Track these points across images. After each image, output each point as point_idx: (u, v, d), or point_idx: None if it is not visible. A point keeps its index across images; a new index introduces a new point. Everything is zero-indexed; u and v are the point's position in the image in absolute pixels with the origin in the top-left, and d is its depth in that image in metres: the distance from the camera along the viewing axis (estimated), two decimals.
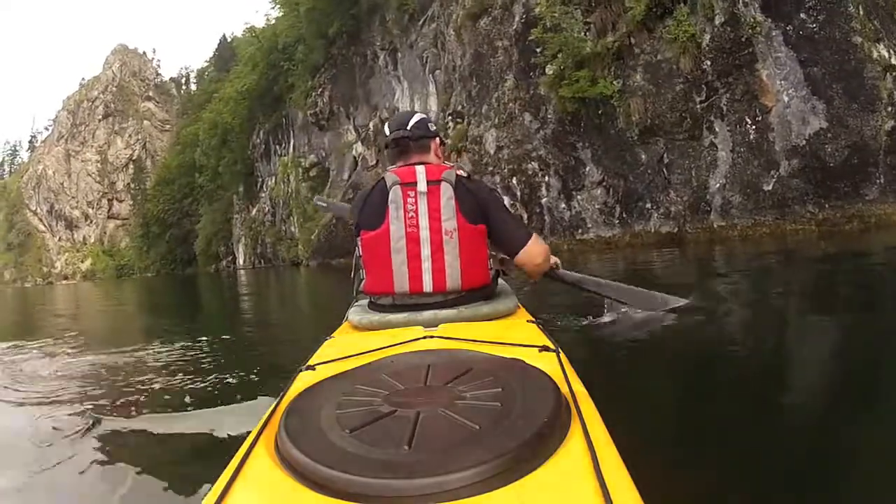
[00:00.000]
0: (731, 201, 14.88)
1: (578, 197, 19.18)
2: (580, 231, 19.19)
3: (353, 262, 2.59)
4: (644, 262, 12.21)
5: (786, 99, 13.76)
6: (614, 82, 17.14)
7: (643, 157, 16.96)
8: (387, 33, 35.30)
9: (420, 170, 2.33)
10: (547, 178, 20.12)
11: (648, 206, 17.08)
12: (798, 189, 13.60)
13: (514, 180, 21.07)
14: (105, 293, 30.45)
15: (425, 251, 2.28)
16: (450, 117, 25.94)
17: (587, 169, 18.75)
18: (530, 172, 20.63)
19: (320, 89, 43.70)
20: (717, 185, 15.23)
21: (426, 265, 2.28)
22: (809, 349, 3.65)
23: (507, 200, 19.69)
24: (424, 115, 2.63)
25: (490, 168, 21.98)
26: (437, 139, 2.60)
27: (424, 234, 2.27)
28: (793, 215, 13.66)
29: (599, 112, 17.76)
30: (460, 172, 2.38)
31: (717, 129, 15.16)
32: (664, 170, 16.50)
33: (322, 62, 42.49)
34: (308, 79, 44.43)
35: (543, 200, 20.34)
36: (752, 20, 14.09)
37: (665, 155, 16.40)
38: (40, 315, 16.03)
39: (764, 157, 14.09)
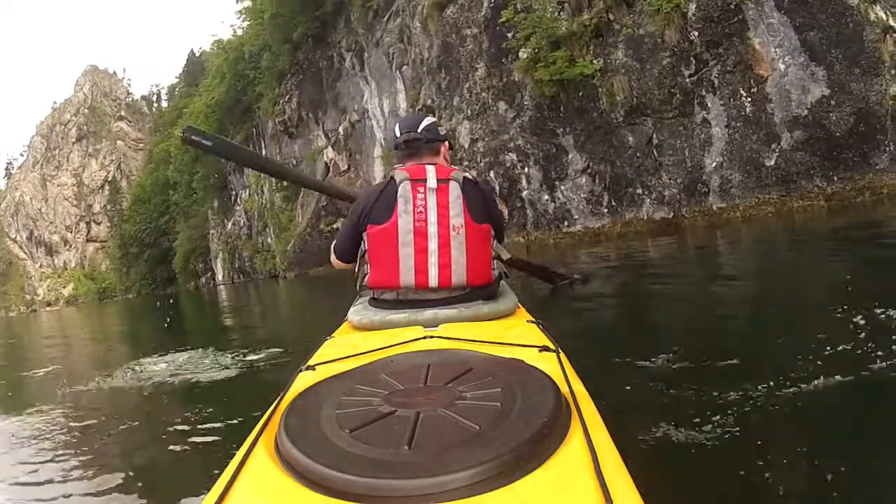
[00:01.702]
0: (730, 180, 14.09)
1: (562, 187, 18.21)
2: (566, 223, 18.25)
3: (357, 258, 2.59)
4: (638, 253, 11.55)
5: (782, 67, 13.07)
6: (594, 61, 16.14)
7: (630, 139, 16.01)
8: (352, 33, 34.77)
9: (430, 168, 2.38)
10: (527, 169, 19.16)
11: (639, 191, 16.12)
12: (803, 162, 12.81)
13: (492, 174, 20.11)
14: (87, 319, 30.44)
15: (432, 245, 2.31)
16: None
17: (570, 156, 17.79)
18: (508, 164, 19.72)
19: (288, 96, 43.36)
20: (714, 163, 14.33)
21: (432, 259, 2.31)
22: (820, 347, 3.42)
23: None
24: (434, 119, 2.69)
25: (465, 163, 20.95)
26: (447, 143, 2.69)
27: (432, 228, 2.31)
28: (799, 191, 12.93)
29: (580, 94, 16.73)
30: (467, 174, 2.44)
31: (709, 104, 14.30)
32: (654, 151, 15.64)
33: (288, 68, 42.04)
34: (275, 86, 44.14)
35: (524, 193, 19.40)
36: None
37: (654, 135, 15.54)
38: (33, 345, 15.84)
39: (763, 131, 13.39)
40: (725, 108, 13.94)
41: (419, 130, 2.55)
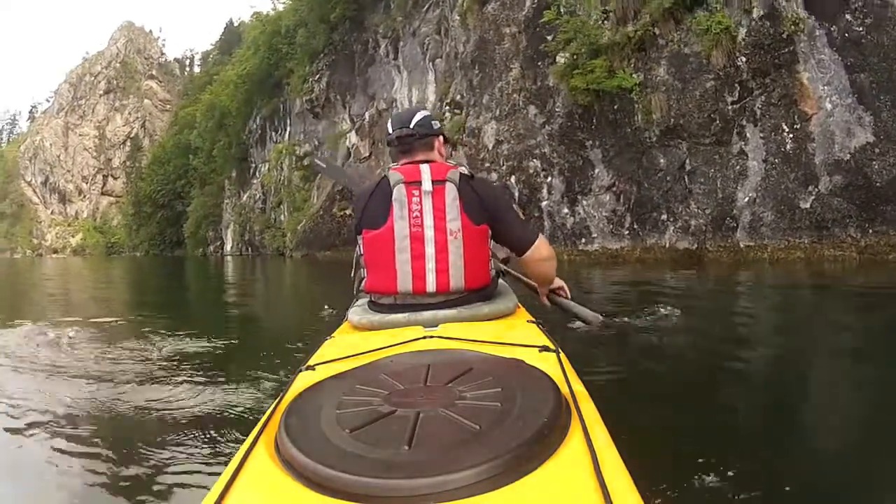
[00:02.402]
0: (761, 218, 13.21)
1: (584, 202, 17.31)
2: (583, 241, 17.38)
3: (354, 261, 2.59)
4: (656, 282, 10.86)
5: (829, 107, 12.17)
6: (634, 75, 15.34)
7: (662, 161, 15.02)
8: (390, 20, 34.50)
9: (425, 168, 2.34)
10: (550, 178, 18.30)
11: (664, 217, 15.23)
12: (839, 209, 11.96)
13: (513, 179, 19.29)
14: (93, 273, 30.35)
15: (429, 251, 2.28)
16: (447, 107, 24.37)
17: (596, 171, 16.90)
18: (531, 171, 18.85)
19: (318, 75, 43.22)
20: (746, 198, 13.45)
21: (430, 265, 2.28)
22: (819, 371, 3.73)
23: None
24: (427, 112, 2.63)
25: (487, 164, 20.23)
26: (441, 137, 2.63)
27: (429, 233, 2.28)
28: (831, 239, 12.12)
29: (615, 107, 15.78)
30: (464, 171, 2.39)
31: (748, 136, 13.42)
32: (685, 177, 14.73)
33: (322, 48, 41.88)
34: (307, 64, 44.04)
35: (544, 203, 18.49)
36: (794, 16, 12.47)
37: (687, 161, 14.63)
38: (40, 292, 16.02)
39: (802, 171, 12.53)
40: (765, 141, 13.15)
41: (412, 126, 2.51)
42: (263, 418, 1.28)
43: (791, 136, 12.73)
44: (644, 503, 0.92)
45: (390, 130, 2.55)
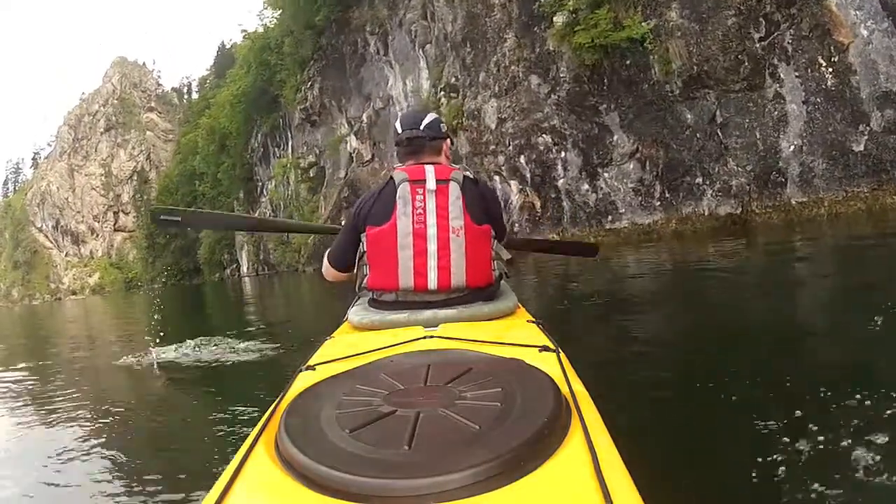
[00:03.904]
0: (811, 168, 12.16)
1: (605, 174, 16.01)
2: (610, 218, 16.08)
3: (357, 258, 2.59)
4: (695, 261, 9.64)
5: (864, 33, 11.36)
6: (644, 23, 14.15)
7: (689, 116, 13.99)
8: (376, 15, 34.20)
9: (429, 169, 2.37)
10: (563, 153, 16.92)
11: (699, 180, 14.09)
12: None
13: (523, 159, 17.95)
14: (112, 309, 31.25)
15: (432, 248, 2.30)
16: (442, 92, 23.25)
17: (615, 138, 15.58)
18: (542, 148, 17.48)
19: (310, 83, 43.39)
20: (792, 147, 12.41)
21: (432, 262, 2.31)
22: (829, 350, 3.71)
23: (515, 184, 17.62)
24: (437, 115, 2.71)
25: (492, 147, 18.91)
26: (448, 141, 2.69)
27: (432, 230, 2.31)
28: (894, 182, 11.02)
29: (627, 63, 14.73)
30: (467, 173, 2.42)
31: (782, 76, 12.40)
32: (718, 132, 13.56)
33: (311, 54, 42.00)
34: (297, 73, 44.23)
35: (560, 182, 17.17)
36: None
37: (718, 112, 13.45)
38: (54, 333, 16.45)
39: (848, 109, 11.65)
40: (802, 80, 12.00)
41: (422, 128, 2.55)
42: (263, 418, 1.28)
43: (830, 70, 11.62)
44: (644, 503, 0.91)
45: (399, 130, 2.57)
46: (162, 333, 10.31)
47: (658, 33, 13.89)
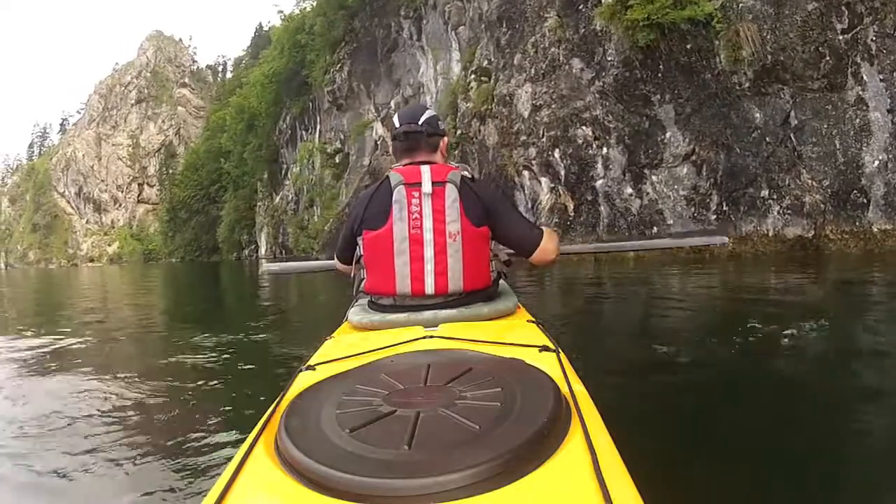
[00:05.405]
0: None
1: (653, 178, 13.82)
2: (655, 230, 13.84)
3: (354, 261, 2.62)
4: (751, 291, 8.02)
5: None
6: (711, 1, 12.15)
7: (758, 115, 12.07)
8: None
9: (425, 170, 2.36)
10: (605, 149, 14.72)
11: (765, 193, 12.15)
12: None
13: (557, 153, 15.87)
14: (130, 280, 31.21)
15: (428, 253, 2.31)
16: (472, 76, 21.47)
17: (667, 135, 13.67)
18: (580, 142, 15.31)
19: (339, 65, 42.99)
20: (876, 162, 10.68)
21: (429, 267, 2.31)
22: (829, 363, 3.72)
23: (546, 182, 16.55)
24: (435, 112, 2.68)
25: (523, 138, 16.93)
26: (446, 138, 2.67)
27: (428, 235, 2.30)
28: None
29: (688, 47, 12.66)
30: (465, 174, 2.41)
31: (864, 77, 10.82)
32: (791, 136, 11.76)
33: (343, 36, 41.63)
34: (327, 54, 43.89)
35: (598, 183, 14.97)
36: None
37: (793, 113, 11.66)
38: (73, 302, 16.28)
39: None
40: (886, 85, 10.51)
41: (420, 123, 2.54)
42: (263, 418, 1.29)
43: None
44: (644, 503, 0.92)
45: (397, 124, 2.57)
46: (169, 318, 10.17)
47: (727, 14, 11.99)
